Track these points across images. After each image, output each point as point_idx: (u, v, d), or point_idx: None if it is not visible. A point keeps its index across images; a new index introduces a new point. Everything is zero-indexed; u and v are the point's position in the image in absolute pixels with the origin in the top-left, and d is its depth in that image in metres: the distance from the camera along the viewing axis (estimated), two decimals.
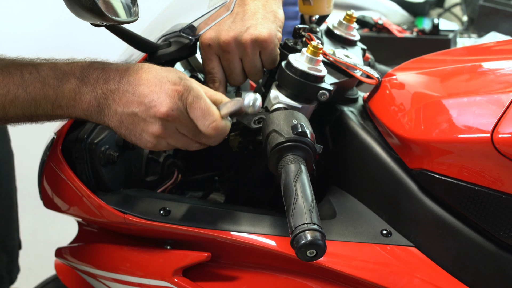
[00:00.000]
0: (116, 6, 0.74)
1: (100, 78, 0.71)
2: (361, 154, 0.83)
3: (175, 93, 0.70)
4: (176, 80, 0.71)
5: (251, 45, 0.82)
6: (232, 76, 0.87)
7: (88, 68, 0.72)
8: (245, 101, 0.71)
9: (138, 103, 0.70)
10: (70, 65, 0.73)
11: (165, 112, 0.70)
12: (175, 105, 0.70)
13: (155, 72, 0.72)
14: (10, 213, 1.36)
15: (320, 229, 0.64)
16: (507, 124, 0.66)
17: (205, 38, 0.84)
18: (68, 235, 1.06)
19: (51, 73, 0.71)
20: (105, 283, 0.89)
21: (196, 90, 0.72)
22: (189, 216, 0.79)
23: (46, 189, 0.89)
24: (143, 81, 0.71)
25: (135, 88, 0.71)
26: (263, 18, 0.83)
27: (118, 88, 0.71)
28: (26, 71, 0.71)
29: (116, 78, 0.71)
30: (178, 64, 1.00)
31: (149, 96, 0.70)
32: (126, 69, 0.72)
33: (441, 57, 0.95)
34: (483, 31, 2.14)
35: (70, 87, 0.71)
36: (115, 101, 0.71)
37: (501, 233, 0.70)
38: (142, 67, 0.73)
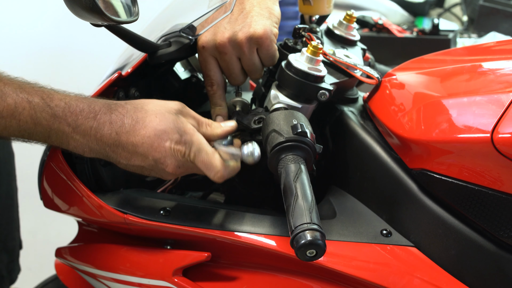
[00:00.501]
0: (116, 6, 0.74)
1: (93, 130, 0.70)
2: (361, 154, 0.83)
3: (178, 153, 0.71)
4: (177, 138, 0.71)
5: (247, 43, 0.82)
6: (232, 76, 0.87)
7: (79, 115, 0.70)
8: (244, 151, 0.73)
9: (142, 159, 0.72)
10: (61, 107, 0.70)
11: (173, 169, 0.73)
12: (180, 162, 0.72)
13: (153, 126, 0.71)
14: (11, 213, 1.36)
15: (320, 229, 0.64)
16: (507, 124, 0.66)
17: (201, 41, 0.84)
18: (68, 235, 1.06)
19: (43, 114, 0.69)
20: (105, 283, 0.89)
21: (197, 143, 0.72)
22: (189, 216, 0.79)
23: (46, 189, 0.89)
24: (144, 138, 0.70)
25: (135, 147, 0.71)
26: (257, 15, 0.83)
27: (118, 143, 0.71)
28: (20, 104, 0.68)
29: (112, 134, 0.70)
30: (178, 64, 1.00)
31: (153, 155, 0.71)
32: (121, 123, 0.70)
33: (441, 57, 0.95)
34: (483, 31, 2.14)
35: (62, 132, 0.70)
36: (116, 154, 0.72)
37: (501, 233, 0.70)
38: (138, 119, 0.71)
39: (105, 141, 0.71)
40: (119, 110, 0.71)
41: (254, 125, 0.83)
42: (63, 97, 0.71)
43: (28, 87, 0.70)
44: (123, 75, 0.83)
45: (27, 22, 1.99)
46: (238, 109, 0.90)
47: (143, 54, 0.86)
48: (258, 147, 0.73)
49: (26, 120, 0.69)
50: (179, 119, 0.73)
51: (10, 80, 0.70)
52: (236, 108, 0.90)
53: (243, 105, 0.91)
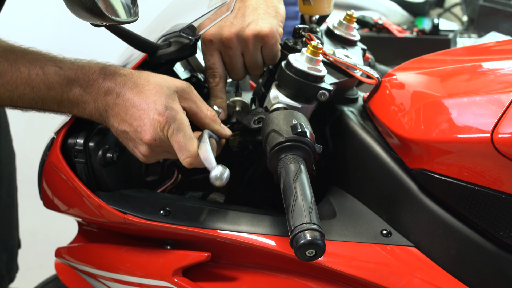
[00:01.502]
0: (116, 6, 0.74)
1: (101, 89, 0.74)
2: (361, 154, 0.83)
3: (157, 124, 0.72)
4: (161, 110, 0.72)
5: (252, 40, 0.83)
6: (234, 71, 0.88)
7: (91, 76, 0.74)
8: (212, 173, 0.71)
9: (128, 124, 0.74)
10: (75, 70, 0.74)
11: (148, 140, 0.73)
12: (157, 135, 0.73)
13: (147, 94, 0.73)
14: (11, 212, 1.37)
15: (319, 229, 0.64)
16: (507, 124, 0.66)
17: (207, 33, 0.85)
18: (68, 235, 1.06)
19: (56, 77, 0.73)
20: (105, 283, 0.89)
21: (179, 122, 0.73)
22: (189, 216, 0.79)
23: (46, 189, 0.89)
24: (135, 103, 0.73)
25: (127, 109, 0.73)
26: (264, 13, 0.84)
27: (115, 104, 0.74)
28: (34, 71, 0.73)
29: (114, 93, 0.74)
30: (178, 64, 1.00)
31: (137, 121, 0.73)
32: (124, 83, 0.74)
33: (441, 57, 0.95)
34: (483, 31, 2.14)
35: (74, 94, 0.74)
36: (112, 116, 0.75)
37: (501, 233, 0.70)
38: (138, 84, 0.74)
39: (107, 101, 0.74)
40: (126, 75, 0.75)
41: (254, 125, 0.83)
42: (76, 61, 0.76)
43: (40, 56, 0.74)
44: None
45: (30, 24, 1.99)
46: (238, 109, 0.90)
47: (143, 54, 0.86)
48: (228, 172, 0.71)
49: (39, 86, 0.73)
50: (173, 96, 0.74)
51: (24, 51, 0.74)
52: (236, 108, 0.90)
53: (243, 105, 0.91)
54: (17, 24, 1.86)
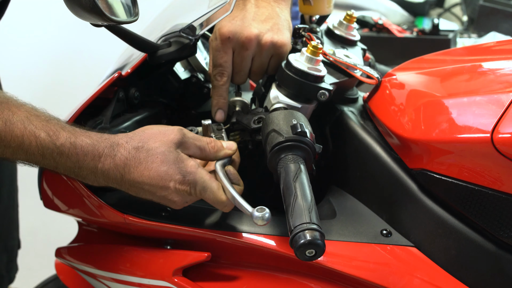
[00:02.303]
0: (116, 6, 0.74)
1: (98, 170, 0.71)
2: (361, 154, 0.83)
3: (183, 192, 0.73)
4: (180, 179, 0.72)
5: (268, 47, 0.83)
6: (240, 74, 0.87)
7: (85, 157, 0.71)
8: (254, 217, 0.69)
9: (150, 195, 0.73)
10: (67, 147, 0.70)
11: (181, 204, 0.75)
12: (187, 198, 0.74)
13: (155, 168, 0.71)
14: (11, 213, 1.37)
15: (319, 228, 0.64)
16: (507, 124, 0.66)
17: (225, 30, 0.83)
18: (68, 235, 1.06)
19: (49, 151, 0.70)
20: (105, 283, 0.89)
21: (200, 182, 0.72)
22: (189, 216, 0.79)
23: (46, 189, 0.89)
24: (147, 179, 0.72)
25: (141, 185, 0.72)
26: (281, 24, 0.85)
27: (123, 183, 0.72)
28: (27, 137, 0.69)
29: (117, 175, 0.72)
30: (178, 64, 1.00)
31: (160, 192, 0.72)
32: (124, 165, 0.72)
33: (441, 57, 0.95)
34: (483, 31, 2.14)
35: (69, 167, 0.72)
36: (125, 189, 0.74)
37: (501, 233, 0.70)
38: (140, 160, 0.72)
39: (112, 179, 0.72)
40: (121, 152, 0.72)
41: (254, 125, 0.83)
42: (69, 136, 0.71)
43: (35, 119, 0.71)
44: (123, 75, 0.83)
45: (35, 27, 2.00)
46: (238, 109, 0.90)
47: (143, 54, 0.86)
48: (269, 212, 0.69)
49: (33, 152, 0.70)
50: (180, 157, 0.73)
51: (18, 107, 0.71)
52: (236, 108, 0.90)
53: (243, 105, 0.91)
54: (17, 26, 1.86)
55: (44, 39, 2.06)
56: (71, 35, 2.00)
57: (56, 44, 2.09)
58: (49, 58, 2.08)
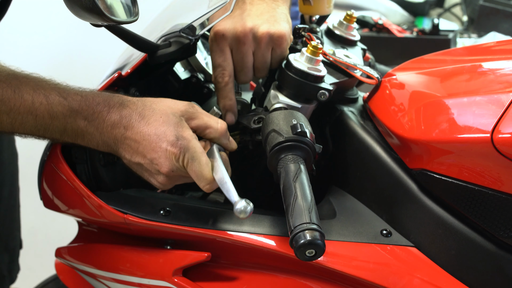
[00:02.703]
0: (116, 6, 0.74)
1: (106, 122, 0.73)
2: (361, 154, 0.83)
3: (172, 155, 0.72)
4: (173, 140, 0.72)
5: (266, 39, 0.81)
6: (244, 71, 0.84)
7: (95, 108, 0.73)
8: (236, 207, 0.70)
9: (142, 156, 0.73)
10: (78, 101, 0.73)
11: (166, 171, 0.74)
12: (174, 166, 0.73)
13: (155, 125, 0.73)
14: (13, 213, 1.37)
15: (319, 228, 0.64)
16: (507, 124, 0.66)
17: (219, 28, 0.81)
18: (68, 235, 1.06)
19: (59, 107, 0.72)
20: (105, 283, 0.89)
21: (192, 150, 0.72)
22: (189, 216, 0.79)
23: (46, 189, 0.89)
24: (144, 136, 0.72)
25: (138, 143, 0.73)
26: (278, 17, 0.83)
27: (124, 137, 0.73)
28: (37, 99, 0.71)
29: (121, 127, 0.73)
30: (178, 64, 1.00)
31: (151, 153, 0.73)
32: (130, 116, 0.73)
33: (441, 57, 0.95)
34: (483, 31, 2.13)
35: (78, 125, 0.73)
36: (123, 149, 0.74)
37: (501, 233, 0.70)
38: (144, 115, 0.73)
39: (115, 135, 0.73)
40: (130, 106, 0.74)
41: (254, 125, 0.83)
42: (79, 91, 0.74)
43: (44, 83, 0.73)
44: (123, 75, 0.83)
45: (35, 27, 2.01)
46: (238, 109, 0.90)
47: (143, 54, 0.86)
48: (252, 206, 0.70)
49: (43, 115, 0.71)
50: (181, 123, 0.74)
51: (27, 77, 0.73)
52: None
53: (243, 105, 0.91)
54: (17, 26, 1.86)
55: (44, 39, 2.06)
56: (71, 35, 2.00)
57: (56, 45, 2.09)
58: (49, 58, 2.08)
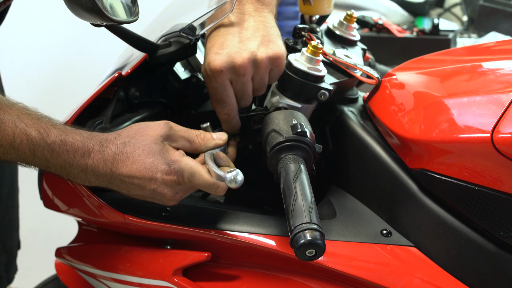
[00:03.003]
0: (116, 6, 0.74)
1: (88, 167, 0.72)
2: (361, 154, 0.83)
3: (171, 182, 0.72)
4: (165, 168, 0.72)
5: (266, 63, 0.78)
6: (245, 98, 0.81)
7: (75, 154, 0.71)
8: (227, 177, 0.70)
9: (141, 190, 0.73)
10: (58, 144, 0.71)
11: (171, 197, 0.74)
12: (177, 189, 0.73)
13: (141, 159, 0.72)
14: (11, 214, 1.37)
15: (319, 228, 0.64)
16: (507, 124, 0.66)
17: (215, 64, 0.77)
18: (68, 235, 1.06)
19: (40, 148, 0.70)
20: (105, 283, 0.89)
21: (187, 168, 0.72)
22: (189, 216, 0.79)
23: (46, 189, 0.89)
24: (135, 172, 0.72)
25: (131, 179, 0.72)
26: (271, 34, 0.80)
27: (113, 179, 0.73)
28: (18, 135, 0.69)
29: (107, 170, 0.72)
30: (178, 64, 1.00)
31: (149, 185, 0.72)
32: (113, 160, 0.72)
33: (441, 57, 0.95)
34: (483, 31, 2.13)
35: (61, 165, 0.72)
36: (117, 186, 0.74)
37: (501, 233, 0.70)
38: (127, 154, 0.72)
39: (102, 176, 0.73)
40: (110, 147, 0.73)
41: (254, 125, 0.83)
42: (59, 133, 0.72)
43: (26, 117, 0.71)
44: (123, 75, 0.83)
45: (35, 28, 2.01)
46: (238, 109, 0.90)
47: (143, 54, 0.86)
48: (241, 174, 0.71)
49: (24, 151, 0.70)
50: (164, 148, 0.73)
51: (9, 107, 0.71)
52: None
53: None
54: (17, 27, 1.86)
55: (44, 40, 2.06)
56: (71, 36, 2.00)
57: (56, 45, 2.09)
58: (49, 59, 2.08)
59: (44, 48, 2.07)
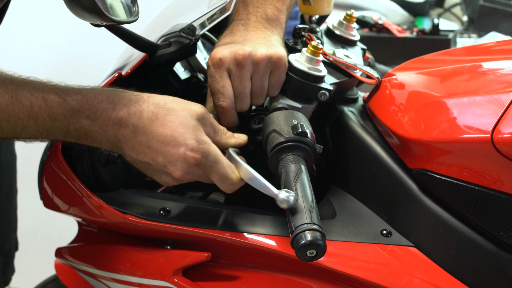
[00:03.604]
0: (116, 6, 0.74)
1: (111, 120, 0.70)
2: (361, 154, 0.83)
3: (192, 160, 0.70)
4: (194, 145, 0.69)
5: (264, 62, 0.78)
6: (241, 96, 0.80)
7: (98, 106, 0.70)
8: (280, 196, 0.67)
9: (152, 157, 0.70)
10: (79, 100, 0.70)
11: (180, 175, 0.71)
12: (191, 169, 0.71)
13: (172, 127, 0.69)
14: (9, 215, 1.37)
15: (320, 229, 0.64)
16: (507, 124, 0.66)
17: (216, 54, 0.78)
18: (68, 235, 1.06)
19: (60, 109, 0.69)
20: (105, 283, 0.89)
21: (213, 154, 0.71)
22: (189, 216, 0.79)
23: (46, 189, 0.89)
24: (159, 137, 0.69)
25: (150, 142, 0.69)
26: (273, 42, 0.81)
27: (133, 137, 0.70)
28: (36, 102, 0.69)
29: (130, 125, 0.70)
30: (178, 64, 1.00)
31: (165, 156, 0.70)
32: (140, 115, 0.70)
33: (441, 57, 0.95)
34: (483, 31, 2.14)
35: (81, 125, 0.70)
36: (129, 147, 0.71)
37: (501, 233, 0.70)
38: (157, 114, 0.70)
39: (122, 133, 0.70)
40: (139, 103, 0.71)
41: (254, 125, 0.83)
42: (79, 90, 0.71)
43: (41, 85, 0.70)
44: (123, 75, 0.83)
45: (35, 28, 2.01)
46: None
47: (143, 54, 0.86)
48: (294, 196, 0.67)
49: (43, 118, 0.69)
50: (198, 126, 0.71)
51: (23, 81, 0.70)
52: None
53: None
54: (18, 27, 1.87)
55: (44, 40, 2.06)
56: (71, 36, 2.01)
57: (56, 45, 2.09)
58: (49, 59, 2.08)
59: (43, 48, 2.07)
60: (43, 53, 2.07)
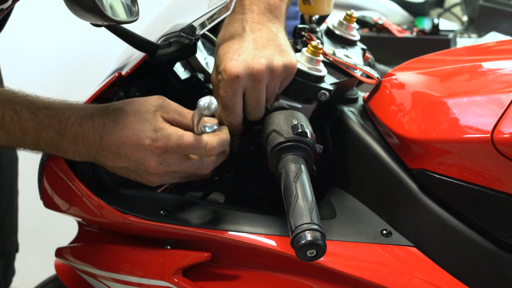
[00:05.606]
0: (116, 6, 0.74)
1: (79, 136, 0.72)
2: (361, 154, 0.83)
3: (158, 149, 0.72)
4: (153, 135, 0.72)
5: (281, 71, 0.77)
6: (259, 108, 0.80)
7: (66, 122, 0.72)
8: (201, 103, 0.70)
9: (126, 160, 0.73)
10: (49, 116, 0.72)
11: (155, 167, 0.73)
12: (162, 157, 0.73)
13: (131, 127, 0.72)
14: (10, 218, 1.36)
15: (320, 229, 0.64)
16: (507, 124, 0.66)
17: (232, 70, 0.75)
18: (68, 235, 1.06)
19: (31, 123, 0.71)
20: (105, 283, 0.89)
21: (174, 133, 0.72)
22: (189, 216, 0.79)
23: (46, 189, 0.89)
24: (123, 139, 0.72)
25: (118, 148, 0.73)
26: (284, 44, 0.80)
27: (102, 147, 0.73)
28: (8, 114, 0.71)
29: (96, 137, 0.72)
30: (178, 64, 1.00)
31: (135, 155, 0.73)
32: (103, 126, 0.73)
33: (441, 57, 0.95)
34: (483, 31, 2.14)
35: (51, 139, 0.73)
36: (103, 157, 0.74)
37: (501, 233, 0.70)
38: (117, 120, 0.73)
39: (92, 145, 0.73)
40: (101, 114, 0.73)
41: (255, 125, 0.83)
42: (49, 104, 0.73)
43: (13, 97, 0.72)
44: (123, 75, 0.83)
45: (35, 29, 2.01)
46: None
47: (143, 54, 0.86)
48: (215, 101, 0.70)
49: (14, 129, 0.71)
50: (155, 117, 0.74)
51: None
52: None
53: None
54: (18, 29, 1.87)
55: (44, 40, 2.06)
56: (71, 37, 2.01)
57: (56, 45, 2.09)
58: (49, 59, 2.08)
59: (43, 48, 2.07)
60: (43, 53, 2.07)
